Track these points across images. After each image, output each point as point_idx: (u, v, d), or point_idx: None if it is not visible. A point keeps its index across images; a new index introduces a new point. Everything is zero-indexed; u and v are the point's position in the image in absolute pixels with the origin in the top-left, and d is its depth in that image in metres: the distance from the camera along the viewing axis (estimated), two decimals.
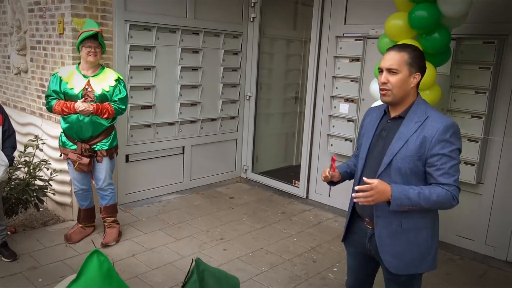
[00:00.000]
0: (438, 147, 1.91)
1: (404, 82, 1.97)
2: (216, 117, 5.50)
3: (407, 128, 1.98)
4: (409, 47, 2.02)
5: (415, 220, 2.01)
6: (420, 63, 2.01)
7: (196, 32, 5.05)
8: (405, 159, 1.95)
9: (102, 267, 1.29)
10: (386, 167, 1.99)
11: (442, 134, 1.91)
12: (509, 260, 3.80)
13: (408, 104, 2.03)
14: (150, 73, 4.72)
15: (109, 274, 1.28)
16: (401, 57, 1.97)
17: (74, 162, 3.66)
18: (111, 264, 1.28)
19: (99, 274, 1.27)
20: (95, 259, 1.30)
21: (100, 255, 1.28)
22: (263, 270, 3.57)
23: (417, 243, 2.03)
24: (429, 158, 1.93)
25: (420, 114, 1.98)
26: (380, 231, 2.04)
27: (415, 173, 1.96)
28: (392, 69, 1.98)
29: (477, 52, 3.74)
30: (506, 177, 3.76)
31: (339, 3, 4.69)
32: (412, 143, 1.95)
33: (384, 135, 2.08)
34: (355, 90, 4.57)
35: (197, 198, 5.16)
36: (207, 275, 1.28)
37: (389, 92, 1.99)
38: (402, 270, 2.06)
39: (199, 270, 1.25)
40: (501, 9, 3.67)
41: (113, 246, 3.81)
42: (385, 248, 2.05)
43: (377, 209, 2.03)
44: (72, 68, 3.67)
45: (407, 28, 3.18)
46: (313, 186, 5.20)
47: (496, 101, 3.75)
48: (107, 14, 4.20)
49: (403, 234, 2.02)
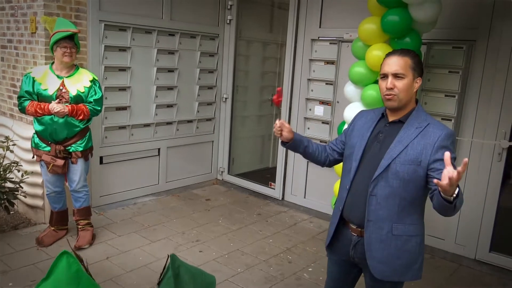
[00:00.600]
0: (439, 153, 1.89)
1: (409, 87, 1.98)
2: (192, 118, 5.48)
3: (407, 133, 1.98)
4: (411, 52, 2.03)
5: (406, 227, 2.00)
6: (421, 68, 2.03)
7: (172, 33, 5.03)
8: (405, 164, 1.94)
9: (70, 269, 1.27)
10: (383, 170, 1.97)
11: (443, 141, 1.92)
12: (478, 258, 3.92)
13: (408, 109, 2.03)
14: (125, 74, 4.67)
15: (77, 276, 1.26)
16: (406, 62, 1.98)
17: (48, 164, 3.59)
18: (80, 266, 1.26)
19: (67, 275, 1.26)
20: (64, 260, 1.28)
21: (69, 256, 1.27)
22: (239, 271, 3.58)
23: (405, 250, 2.01)
24: (432, 164, 1.91)
25: (421, 120, 1.99)
26: (370, 235, 2.02)
27: (413, 178, 1.95)
28: (398, 74, 1.97)
29: (447, 57, 3.86)
30: (474, 178, 3.88)
31: (314, 7, 4.76)
32: (412, 148, 1.94)
33: (381, 138, 2.06)
34: (329, 93, 4.64)
35: (173, 200, 5.13)
36: (183, 271, 1.29)
37: (395, 97, 1.98)
38: (387, 276, 2.03)
39: (174, 266, 1.26)
40: (469, 15, 3.80)
41: (86, 249, 3.74)
42: (372, 253, 2.02)
43: (369, 214, 2.01)
44: (45, 68, 3.60)
45: (379, 32, 3.25)
46: (289, 187, 5.24)
47: (465, 104, 3.88)
48: (81, 13, 4.14)
49: (392, 240, 2.00)
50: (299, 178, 5.13)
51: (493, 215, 3.83)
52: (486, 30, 3.71)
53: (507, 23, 3.60)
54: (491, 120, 3.75)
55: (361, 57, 3.45)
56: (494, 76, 3.71)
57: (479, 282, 3.65)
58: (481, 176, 3.85)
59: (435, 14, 3.13)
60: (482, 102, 3.79)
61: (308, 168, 5.03)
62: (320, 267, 3.71)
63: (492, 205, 3.83)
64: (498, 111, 3.71)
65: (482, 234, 3.90)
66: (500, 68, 3.67)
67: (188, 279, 1.31)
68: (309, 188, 5.06)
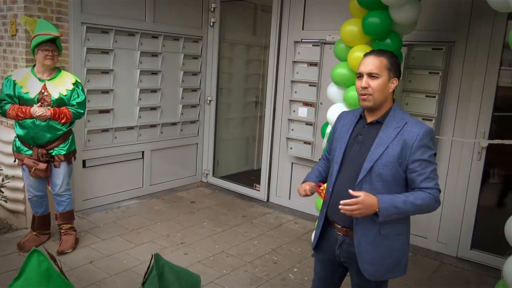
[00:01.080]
0: (418, 152, 1.93)
1: (384, 87, 2.00)
2: (176, 121, 5.47)
3: (386, 134, 1.99)
4: (387, 53, 2.05)
5: (393, 226, 2.02)
6: (398, 68, 2.05)
7: (155, 35, 5.02)
8: (387, 165, 1.96)
9: (40, 267, 1.26)
10: (367, 173, 1.99)
11: (422, 140, 1.94)
12: (459, 256, 3.99)
13: (385, 109, 2.05)
14: (108, 77, 4.64)
15: (47, 274, 1.25)
16: (381, 62, 2.00)
17: (30, 168, 3.54)
18: (50, 265, 1.25)
19: (37, 273, 1.25)
20: (34, 259, 1.27)
21: (39, 255, 1.26)
22: (224, 272, 3.58)
23: (394, 249, 2.05)
24: (410, 164, 1.95)
25: (399, 120, 2.01)
26: (359, 238, 2.03)
27: (396, 179, 1.98)
28: (373, 74, 2.00)
29: (427, 58, 3.93)
30: (455, 177, 3.95)
31: (297, 10, 4.80)
32: (392, 148, 1.96)
33: (361, 139, 2.07)
34: (313, 94, 4.68)
35: (157, 203, 5.10)
36: (167, 271, 1.28)
37: (370, 97, 2.00)
38: (378, 276, 2.06)
39: (158, 265, 1.25)
40: (449, 17, 3.88)
41: (69, 253, 3.70)
42: (363, 255, 2.03)
43: (356, 217, 2.01)
44: (26, 71, 3.55)
45: (361, 34, 3.29)
46: (274, 189, 5.26)
47: (445, 104, 3.95)
48: (63, 16, 4.10)
49: (382, 241, 2.02)
50: (284, 180, 5.15)
51: (473, 213, 3.91)
52: (464, 32, 3.79)
53: (485, 25, 3.69)
54: (471, 120, 3.83)
55: (343, 59, 3.49)
56: (472, 76, 3.79)
57: (461, 279, 3.72)
58: (461, 175, 3.93)
59: (415, 16, 3.18)
60: (462, 102, 3.87)
61: (293, 169, 5.05)
62: (305, 267, 3.74)
63: (472, 204, 3.90)
64: (477, 111, 3.79)
65: (463, 232, 3.97)
66: (478, 69, 3.75)
67: (173, 279, 1.31)
68: (294, 189, 5.09)
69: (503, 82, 3.81)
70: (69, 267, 3.47)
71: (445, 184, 4.00)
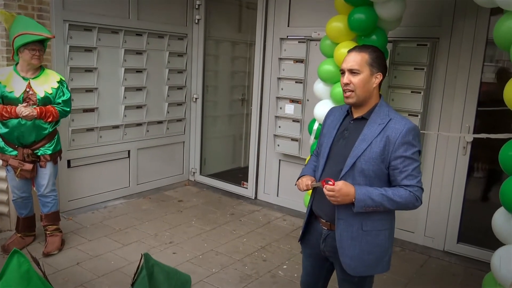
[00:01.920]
0: (401, 149, 1.93)
1: (366, 82, 2.00)
2: (162, 119, 5.42)
3: (370, 130, 2.00)
4: (369, 48, 2.05)
5: (375, 222, 2.03)
6: (381, 63, 2.03)
7: (140, 33, 4.96)
8: (369, 161, 1.97)
9: (20, 268, 1.24)
10: (349, 169, 2.00)
11: (405, 137, 1.93)
12: (446, 249, 4.04)
13: (371, 105, 2.05)
14: (92, 75, 4.57)
15: (27, 276, 1.23)
16: (362, 58, 2.00)
17: (16, 169, 3.47)
18: (31, 266, 1.23)
19: (17, 275, 1.22)
20: (15, 260, 1.25)
21: (20, 256, 1.24)
22: (214, 271, 3.56)
23: (376, 245, 2.05)
24: (393, 161, 1.95)
25: (383, 116, 2.00)
26: (341, 233, 2.03)
27: (378, 175, 1.99)
28: (353, 70, 2.00)
29: (412, 54, 3.96)
30: (441, 172, 4.00)
31: (283, 7, 4.79)
32: (375, 145, 1.96)
33: (347, 135, 2.08)
34: (299, 91, 4.68)
35: (144, 202, 5.06)
36: (157, 270, 1.27)
37: (352, 93, 2.01)
38: (360, 272, 2.07)
39: (148, 265, 1.24)
40: (433, 14, 3.91)
41: (55, 255, 3.64)
42: (344, 250, 2.04)
43: (339, 212, 2.03)
44: (9, 70, 3.48)
45: (346, 30, 3.30)
46: (261, 186, 5.26)
47: (430, 100, 3.99)
48: (44, 13, 4.02)
49: (363, 237, 2.03)
50: (271, 177, 5.15)
51: (459, 207, 3.95)
52: (448, 28, 3.82)
53: (468, 21, 3.72)
54: (456, 115, 3.87)
55: (330, 55, 3.50)
56: (457, 72, 3.83)
57: (448, 272, 3.76)
58: (447, 170, 3.97)
59: (399, 12, 3.20)
60: (447, 98, 3.91)
61: (280, 166, 5.05)
62: (294, 264, 3.74)
63: (458, 198, 3.95)
64: (461, 106, 3.84)
65: (450, 226, 4.01)
66: (462, 64, 3.79)
67: (163, 278, 1.29)
68: (281, 186, 5.09)
69: (487, 77, 3.86)
70: (55, 269, 3.42)
71: (431, 179, 4.04)
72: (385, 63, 2.08)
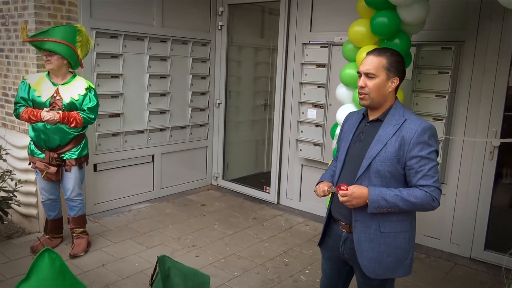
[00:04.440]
0: (416, 149, 1.92)
1: (381, 87, 1.99)
2: (185, 124, 5.49)
3: (385, 131, 1.99)
4: (388, 52, 2.03)
5: (393, 224, 2.01)
6: (399, 68, 2.02)
7: (164, 40, 5.05)
8: (385, 162, 1.96)
9: (54, 265, 1.26)
10: (365, 170, 2.00)
11: (420, 136, 1.92)
12: (473, 257, 3.95)
13: (386, 107, 2.05)
14: (118, 81, 4.68)
15: (62, 271, 1.25)
16: (379, 62, 1.99)
17: (42, 171, 3.58)
18: (63, 261, 1.25)
19: (51, 271, 1.25)
20: (46, 257, 1.27)
21: (51, 252, 1.26)
22: (236, 275, 3.58)
23: (395, 247, 2.03)
24: (408, 161, 1.94)
25: (399, 117, 2.00)
26: (359, 235, 2.03)
27: (394, 175, 1.98)
28: (369, 74, 1.99)
29: (436, 58, 3.91)
30: (467, 177, 3.91)
31: (305, 11, 4.80)
32: (391, 145, 1.96)
33: (362, 137, 2.09)
34: (322, 96, 4.67)
35: (168, 206, 5.12)
36: (173, 273, 1.29)
37: (367, 96, 2.01)
38: (379, 274, 2.05)
39: (164, 268, 1.26)
40: (458, 16, 3.85)
41: (82, 256, 3.73)
42: (363, 252, 2.03)
43: (356, 214, 2.03)
44: (41, 75, 3.61)
45: (369, 34, 3.29)
46: (284, 191, 5.25)
47: (456, 104, 3.92)
48: (72, 21, 4.15)
49: (381, 238, 2.01)
50: (293, 182, 5.14)
51: (487, 213, 3.86)
52: (474, 31, 3.76)
53: (494, 23, 3.65)
54: (482, 119, 3.79)
55: (352, 59, 3.49)
56: (483, 75, 3.76)
57: (475, 280, 3.67)
58: (473, 175, 3.88)
59: (423, 15, 3.17)
60: (473, 102, 3.84)
61: (303, 171, 5.04)
62: (316, 269, 3.72)
63: (485, 204, 3.85)
64: (488, 110, 3.76)
65: (477, 232, 3.92)
66: (488, 67, 3.72)
67: (179, 280, 1.31)
68: (304, 191, 5.08)
69: None
70: (81, 270, 3.50)
71: (457, 184, 3.97)
72: (403, 67, 2.06)
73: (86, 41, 3.62)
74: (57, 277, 1.24)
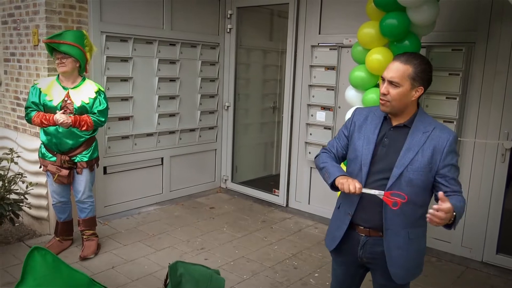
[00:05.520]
0: (449, 157, 1.93)
1: (404, 96, 1.94)
2: (194, 127, 5.51)
3: (415, 139, 1.96)
4: (417, 60, 1.94)
5: (418, 229, 2.04)
6: (425, 77, 1.95)
7: (173, 43, 5.08)
8: (418, 171, 1.93)
9: (46, 260, 1.25)
10: (396, 179, 1.95)
11: (452, 145, 1.94)
12: (485, 261, 3.90)
13: (410, 113, 2.00)
14: (127, 84, 4.71)
15: (56, 265, 1.24)
16: (405, 70, 1.92)
17: (54, 174, 3.61)
18: (54, 255, 1.24)
19: (45, 267, 1.24)
20: (36, 255, 1.26)
21: (40, 249, 1.25)
22: (245, 278, 3.57)
23: (418, 251, 2.06)
24: (441, 169, 1.93)
25: (427, 125, 1.97)
26: (389, 243, 2.01)
27: (426, 184, 1.96)
28: (393, 82, 1.93)
29: (447, 59, 3.87)
30: (478, 180, 3.87)
31: (314, 14, 4.80)
32: (423, 154, 1.93)
33: (387, 142, 2.02)
34: (331, 98, 4.66)
35: (177, 209, 5.13)
36: (186, 279, 1.28)
37: (388, 103, 1.96)
38: (406, 279, 2.07)
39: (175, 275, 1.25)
40: (468, 18, 3.82)
41: (92, 259, 3.75)
42: (393, 259, 2.02)
43: (386, 222, 1.99)
44: (51, 80, 3.63)
45: (378, 36, 3.27)
46: (293, 194, 5.24)
47: (466, 106, 3.88)
48: (83, 25, 4.19)
49: (410, 245, 2.02)
50: (302, 184, 5.13)
51: (498, 216, 3.81)
52: (485, 32, 3.72)
53: (506, 25, 3.62)
54: (493, 121, 3.75)
55: (361, 62, 3.47)
56: (494, 77, 3.72)
57: (487, 284, 3.63)
58: (485, 178, 3.84)
59: (433, 17, 3.14)
60: (484, 104, 3.79)
61: (312, 174, 5.02)
62: (326, 272, 3.70)
63: (497, 207, 3.81)
64: (499, 112, 3.71)
65: (489, 236, 3.87)
66: (500, 69, 3.68)
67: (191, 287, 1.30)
68: (313, 194, 5.06)
69: None
70: (91, 272, 3.51)
71: (468, 187, 3.92)
72: (430, 77, 1.98)
73: (91, 46, 3.66)
74: (53, 271, 1.23)
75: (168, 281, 1.30)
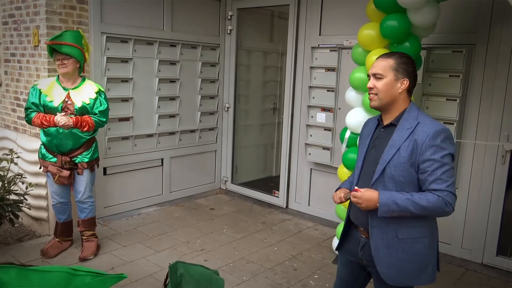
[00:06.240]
0: (429, 152, 1.89)
1: (390, 87, 2.00)
2: (194, 128, 5.50)
3: (399, 135, 1.98)
4: (396, 54, 2.06)
5: (411, 230, 1.99)
6: (407, 69, 2.01)
7: (174, 44, 5.08)
8: (398, 167, 1.95)
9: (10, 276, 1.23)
10: (379, 175, 1.99)
11: (433, 139, 1.89)
12: (485, 262, 3.89)
13: (399, 111, 2.04)
14: (128, 85, 4.71)
15: (21, 276, 1.23)
16: (387, 63, 2.01)
17: (54, 175, 3.61)
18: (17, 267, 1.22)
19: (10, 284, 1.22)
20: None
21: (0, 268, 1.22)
22: (245, 279, 3.57)
23: (414, 254, 1.99)
24: (421, 164, 1.91)
25: (412, 121, 1.98)
26: (376, 241, 2.02)
27: (409, 180, 1.96)
28: (377, 74, 2.02)
29: (447, 61, 3.87)
30: (479, 182, 3.87)
31: (314, 15, 4.80)
32: (404, 150, 1.94)
33: (377, 143, 2.09)
34: (331, 100, 4.66)
35: (177, 210, 5.13)
36: (186, 280, 1.28)
37: (376, 96, 2.03)
38: (399, 281, 2.02)
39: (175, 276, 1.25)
40: (469, 19, 3.82)
41: (91, 260, 3.74)
42: (381, 259, 2.01)
43: (372, 219, 2.01)
44: (51, 80, 3.63)
45: (379, 38, 3.27)
46: (293, 195, 5.23)
47: (467, 108, 3.88)
48: (83, 26, 4.19)
49: (399, 245, 1.99)
50: (303, 186, 5.12)
51: (499, 218, 3.81)
52: (485, 34, 3.73)
53: (506, 27, 3.62)
54: (493, 123, 3.75)
55: (361, 63, 3.47)
56: (494, 79, 3.72)
57: (487, 286, 3.62)
58: (485, 179, 3.84)
59: (433, 19, 3.15)
60: (484, 106, 3.79)
61: (312, 175, 5.02)
62: (326, 274, 3.70)
63: (497, 208, 3.80)
64: (500, 114, 3.71)
65: (489, 238, 3.87)
66: (500, 71, 3.68)
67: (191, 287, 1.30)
68: (313, 195, 5.05)
69: None
70: None
71: (468, 189, 3.92)
72: (413, 69, 2.05)
73: (87, 46, 3.66)
74: (20, 283, 1.21)
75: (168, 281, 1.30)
